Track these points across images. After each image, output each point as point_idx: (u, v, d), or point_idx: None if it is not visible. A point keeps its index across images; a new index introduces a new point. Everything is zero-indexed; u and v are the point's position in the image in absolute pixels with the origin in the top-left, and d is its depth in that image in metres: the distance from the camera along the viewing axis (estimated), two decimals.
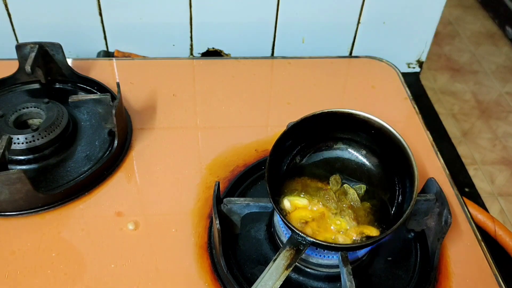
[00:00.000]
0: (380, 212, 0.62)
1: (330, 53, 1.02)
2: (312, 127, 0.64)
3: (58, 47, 0.82)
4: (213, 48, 1.03)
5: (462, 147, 2.03)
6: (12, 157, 0.71)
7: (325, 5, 0.97)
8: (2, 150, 0.65)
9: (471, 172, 0.87)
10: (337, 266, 0.59)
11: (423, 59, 1.07)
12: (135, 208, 0.68)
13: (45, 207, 0.67)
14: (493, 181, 1.92)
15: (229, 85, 0.91)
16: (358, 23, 1.00)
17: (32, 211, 0.66)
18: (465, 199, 0.73)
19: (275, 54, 1.05)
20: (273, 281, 0.52)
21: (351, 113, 0.62)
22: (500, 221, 0.75)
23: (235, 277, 0.59)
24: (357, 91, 0.92)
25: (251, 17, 0.98)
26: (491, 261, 0.64)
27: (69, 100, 0.75)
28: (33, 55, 0.79)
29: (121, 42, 1.00)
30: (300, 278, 0.61)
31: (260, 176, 0.72)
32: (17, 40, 0.98)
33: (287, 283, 0.60)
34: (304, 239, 0.54)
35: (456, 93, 2.31)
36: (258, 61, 0.97)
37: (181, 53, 1.03)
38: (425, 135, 0.82)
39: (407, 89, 0.92)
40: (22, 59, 0.81)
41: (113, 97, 0.76)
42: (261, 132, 0.82)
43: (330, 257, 0.58)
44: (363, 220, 0.60)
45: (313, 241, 0.54)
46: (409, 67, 1.08)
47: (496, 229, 0.74)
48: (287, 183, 0.64)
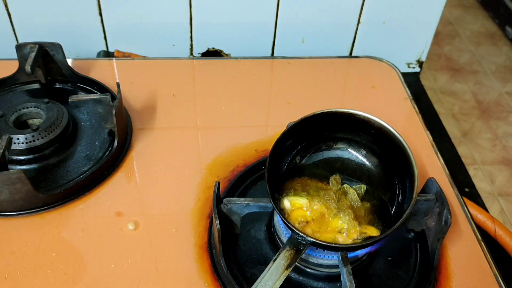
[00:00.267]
0: (380, 212, 0.62)
1: (330, 53, 1.02)
2: (312, 127, 0.64)
3: (58, 47, 0.82)
4: (213, 48, 1.03)
5: (462, 147, 2.03)
6: (12, 157, 0.71)
7: (325, 5, 0.97)
8: (2, 150, 0.65)
9: (471, 172, 0.87)
10: (337, 266, 0.59)
11: (423, 59, 1.07)
12: (135, 208, 0.68)
13: (45, 207, 0.67)
14: (493, 181, 1.92)
15: (229, 85, 0.91)
16: (358, 23, 1.00)
17: (32, 211, 0.66)
18: (465, 199, 0.73)
19: (275, 54, 1.05)
20: (273, 281, 0.52)
21: (351, 113, 0.62)
22: (500, 221, 0.75)
23: (235, 277, 0.59)
24: (357, 91, 0.92)
25: (251, 17, 0.98)
26: (491, 261, 0.64)
27: (69, 100, 0.75)
28: (33, 55, 0.79)
29: (121, 42, 1.00)
30: (300, 278, 0.61)
31: (260, 176, 0.72)
32: (17, 40, 0.98)
33: (287, 283, 0.60)
34: (304, 239, 0.54)
35: (456, 93, 2.31)
36: (258, 61, 0.97)
37: (181, 53, 1.03)
38: (425, 135, 0.82)
39: (407, 89, 0.92)
40: (22, 59, 0.81)
41: (113, 97, 0.76)
42: (261, 132, 0.82)
43: (330, 257, 0.58)
44: (363, 220, 0.60)
45: (313, 241, 0.54)
46: (409, 67, 1.08)
47: (496, 229, 0.74)
48: (287, 183, 0.64)
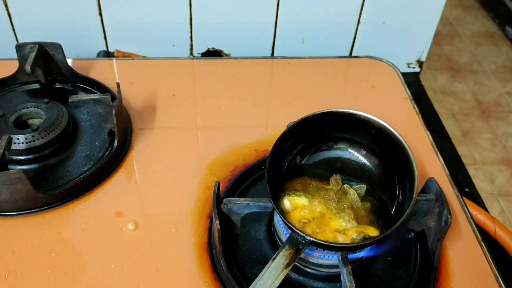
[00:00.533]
0: (380, 212, 0.62)
1: (330, 53, 1.02)
2: (312, 127, 0.64)
3: (58, 47, 0.82)
4: (213, 48, 1.03)
5: (462, 147, 2.03)
6: (12, 157, 0.71)
7: (325, 5, 0.97)
8: (2, 150, 0.65)
9: (471, 172, 0.87)
10: (337, 266, 0.59)
11: (423, 59, 1.07)
12: (135, 208, 0.68)
13: (45, 207, 0.67)
14: (493, 181, 1.92)
15: (229, 85, 0.91)
16: (358, 23, 1.00)
17: (32, 211, 0.66)
18: (465, 199, 0.73)
19: (275, 54, 1.05)
20: (272, 279, 0.52)
21: (351, 113, 0.62)
22: (500, 221, 0.75)
23: (235, 277, 0.59)
24: (357, 91, 0.92)
25: (251, 17, 0.98)
26: (491, 261, 0.64)
27: (69, 100, 0.75)
28: (33, 55, 0.79)
29: (121, 42, 1.00)
30: (300, 278, 0.61)
31: (260, 176, 0.72)
32: (17, 40, 0.98)
33: (287, 283, 0.60)
34: (303, 239, 0.54)
35: (456, 93, 2.31)
36: (258, 61, 0.97)
37: (181, 53, 1.03)
38: (425, 135, 0.82)
39: (407, 89, 0.92)
40: (22, 59, 0.81)
41: (113, 97, 0.76)
42: (261, 132, 0.82)
43: (330, 257, 0.58)
44: (363, 220, 0.60)
45: (312, 240, 0.54)
46: (409, 67, 1.08)
47: (496, 229, 0.74)
48: (287, 183, 0.64)
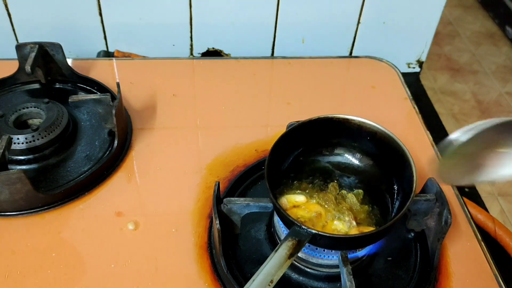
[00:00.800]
0: (379, 215, 0.62)
1: (330, 53, 1.02)
2: (310, 131, 0.64)
3: (58, 47, 0.82)
4: (213, 48, 1.03)
5: None
6: (12, 157, 0.71)
7: (325, 5, 0.97)
8: (2, 150, 0.65)
9: None
10: (337, 266, 0.59)
11: (423, 59, 1.07)
12: (135, 208, 0.68)
13: (45, 207, 0.67)
14: None
15: (229, 85, 0.91)
16: (358, 23, 1.00)
17: (32, 211, 0.66)
18: (465, 199, 0.73)
19: (275, 54, 1.04)
20: (275, 269, 0.50)
21: (346, 119, 0.62)
22: (500, 221, 0.75)
23: (235, 277, 0.59)
24: (357, 91, 0.92)
25: (251, 17, 0.98)
26: (491, 261, 0.64)
27: (69, 100, 0.75)
28: (33, 55, 0.79)
29: (121, 42, 1.00)
30: (300, 278, 0.61)
31: (260, 176, 0.72)
32: (17, 40, 0.98)
33: (287, 283, 0.60)
34: (306, 231, 0.53)
35: (456, 93, 2.31)
36: (258, 61, 0.97)
37: (181, 53, 1.03)
38: (425, 135, 0.82)
39: (407, 89, 0.92)
40: (22, 59, 0.81)
41: (113, 97, 0.76)
42: (261, 132, 0.82)
43: (330, 257, 0.58)
44: (362, 222, 0.60)
45: (314, 232, 0.52)
46: (409, 67, 1.08)
47: (496, 229, 0.74)
48: (285, 186, 0.64)
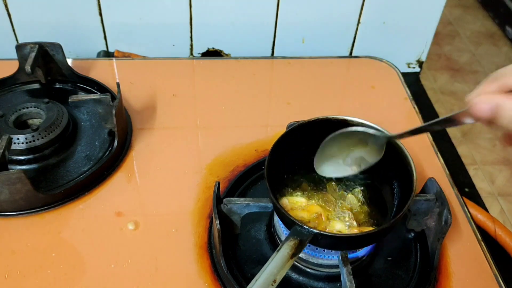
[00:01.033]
0: (379, 215, 0.62)
1: (330, 53, 1.02)
2: (310, 131, 0.64)
3: (58, 47, 0.82)
4: (213, 48, 1.03)
5: (462, 147, 2.03)
6: (12, 157, 0.71)
7: (325, 5, 0.97)
8: (2, 150, 0.65)
9: (471, 172, 0.87)
10: (337, 266, 0.59)
11: (423, 59, 1.07)
12: (135, 208, 0.68)
13: (45, 207, 0.67)
14: (493, 181, 1.92)
15: (229, 85, 0.91)
16: (358, 23, 1.00)
17: (32, 211, 0.66)
18: (465, 199, 0.73)
19: (275, 54, 1.04)
20: (278, 269, 0.50)
21: (345, 120, 0.62)
22: (500, 221, 0.75)
23: (235, 277, 0.59)
24: (357, 91, 0.92)
25: (251, 17, 0.98)
26: (491, 261, 0.64)
27: (69, 100, 0.75)
28: (33, 55, 0.79)
29: (121, 42, 1.00)
30: (300, 278, 0.61)
31: (260, 176, 0.72)
32: (17, 40, 0.98)
33: (287, 283, 0.60)
34: (307, 231, 0.53)
35: (456, 93, 2.31)
36: (258, 61, 0.97)
37: (181, 53, 1.03)
38: (425, 135, 0.82)
39: (407, 89, 0.92)
40: (22, 59, 0.81)
41: (113, 97, 0.76)
42: (261, 132, 0.82)
43: (330, 257, 0.58)
44: (362, 223, 0.60)
45: (316, 232, 0.52)
46: (409, 67, 1.08)
47: (496, 229, 0.74)
48: (286, 186, 0.64)
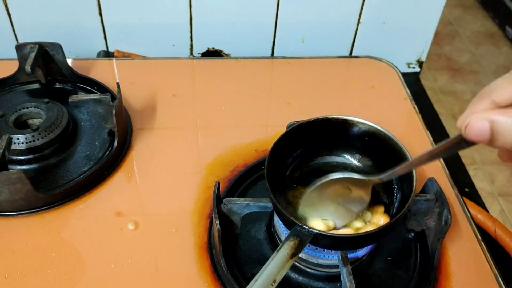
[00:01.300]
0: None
1: (330, 53, 1.02)
2: (310, 132, 0.64)
3: (58, 47, 0.82)
4: (213, 48, 1.03)
5: None
6: (12, 157, 0.71)
7: (325, 5, 0.97)
8: (2, 150, 0.65)
9: (471, 172, 0.87)
10: (337, 266, 0.59)
11: (423, 59, 1.07)
12: (135, 208, 0.68)
13: (45, 207, 0.67)
14: (493, 181, 1.92)
15: (229, 85, 0.91)
16: (358, 23, 1.00)
17: (32, 211, 0.66)
18: (465, 199, 0.73)
19: (275, 54, 1.04)
20: (278, 269, 0.50)
21: (345, 119, 0.62)
22: (500, 221, 0.75)
23: (235, 277, 0.59)
24: (357, 91, 0.92)
25: (251, 17, 0.98)
26: (491, 261, 0.64)
27: (69, 100, 0.75)
28: (33, 55, 0.79)
29: (121, 42, 1.00)
30: (300, 278, 0.61)
31: (260, 176, 0.72)
32: (17, 40, 0.97)
33: (287, 283, 0.60)
34: (307, 231, 0.53)
35: (456, 93, 2.31)
36: (258, 61, 0.97)
37: (181, 53, 1.03)
38: (425, 135, 0.82)
39: (407, 89, 0.92)
40: (22, 59, 0.81)
41: (113, 97, 0.76)
42: (261, 132, 0.82)
43: (330, 257, 0.58)
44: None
45: (316, 232, 0.52)
46: (409, 67, 1.08)
47: (496, 229, 0.74)
48: (285, 187, 0.63)
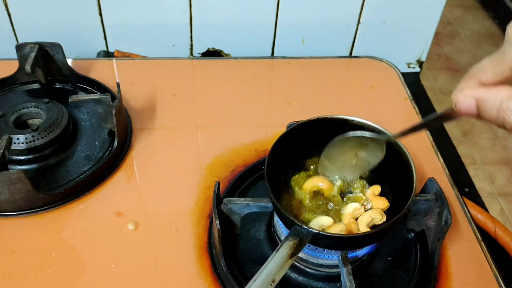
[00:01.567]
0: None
1: (330, 53, 1.02)
2: (310, 131, 0.64)
3: (58, 47, 0.82)
4: (213, 48, 1.03)
5: (462, 147, 2.03)
6: (12, 157, 0.71)
7: (325, 5, 0.97)
8: (2, 150, 0.65)
9: (471, 172, 0.87)
10: (337, 266, 0.59)
11: (423, 59, 1.07)
12: (135, 208, 0.68)
13: (45, 207, 0.67)
14: (493, 181, 1.92)
15: (229, 85, 0.91)
16: (358, 23, 1.00)
17: (32, 211, 0.66)
18: (465, 199, 0.73)
19: (275, 54, 1.04)
20: (277, 268, 0.50)
21: (345, 119, 0.62)
22: (500, 221, 0.75)
23: (235, 277, 0.59)
24: (357, 91, 0.92)
25: (251, 17, 0.98)
26: (491, 261, 0.64)
27: (69, 100, 0.75)
28: (33, 55, 0.79)
29: (121, 42, 1.00)
30: (300, 278, 0.61)
31: (260, 176, 0.72)
32: (17, 40, 0.98)
33: (287, 283, 0.60)
34: (306, 230, 0.53)
35: None
36: (258, 61, 0.97)
37: (181, 53, 1.03)
38: (425, 135, 0.82)
39: (407, 89, 0.92)
40: (22, 59, 0.81)
41: (113, 97, 0.76)
42: (261, 132, 0.82)
43: (330, 257, 0.58)
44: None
45: (315, 232, 0.52)
46: (409, 67, 1.08)
47: (496, 229, 0.74)
48: (285, 187, 0.63)
